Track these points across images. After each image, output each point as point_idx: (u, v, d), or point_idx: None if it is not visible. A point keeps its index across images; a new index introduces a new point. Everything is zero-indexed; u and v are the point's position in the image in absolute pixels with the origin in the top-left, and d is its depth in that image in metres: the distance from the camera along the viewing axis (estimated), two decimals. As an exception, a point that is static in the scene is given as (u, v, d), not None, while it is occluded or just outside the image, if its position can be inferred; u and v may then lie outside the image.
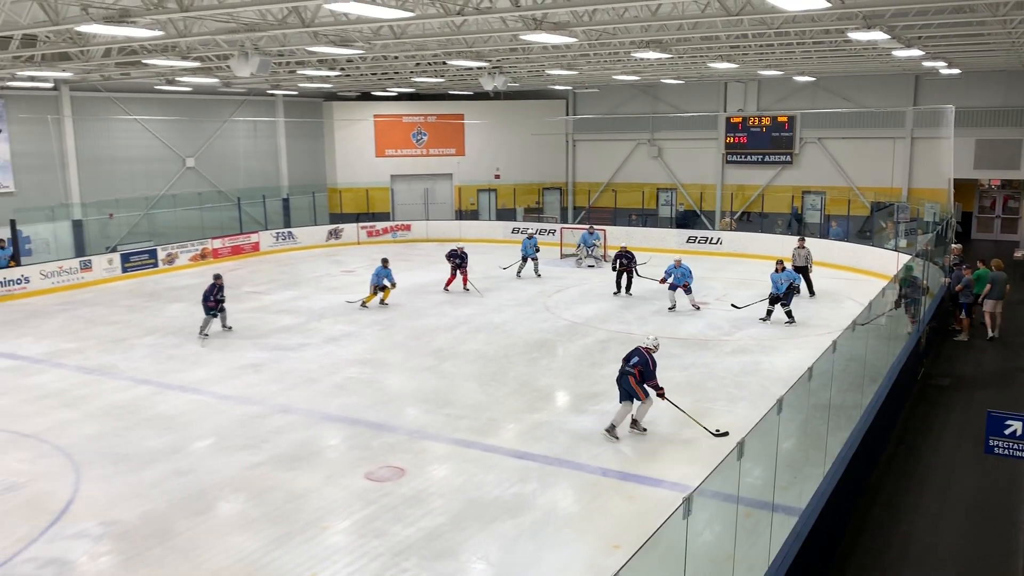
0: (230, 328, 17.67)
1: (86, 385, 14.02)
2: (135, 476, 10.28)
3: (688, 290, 19.03)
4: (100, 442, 11.42)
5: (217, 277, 17.61)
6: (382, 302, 20.00)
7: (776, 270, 17.84)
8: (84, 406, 12.94)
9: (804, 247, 20.79)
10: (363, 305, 19.77)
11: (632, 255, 20.96)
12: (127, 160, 27.77)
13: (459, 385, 13.85)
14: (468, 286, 21.73)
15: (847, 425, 9.60)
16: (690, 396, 12.95)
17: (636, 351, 11.47)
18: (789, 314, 17.78)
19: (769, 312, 17.99)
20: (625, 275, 20.82)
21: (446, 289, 21.74)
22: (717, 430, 11.36)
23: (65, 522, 9.12)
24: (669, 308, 18.95)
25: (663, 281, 19.19)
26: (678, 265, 19.01)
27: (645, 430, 11.49)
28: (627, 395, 11.37)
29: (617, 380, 11.53)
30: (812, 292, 20.46)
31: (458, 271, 21.82)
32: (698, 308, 18.94)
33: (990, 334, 16.56)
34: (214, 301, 17.17)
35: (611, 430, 11.33)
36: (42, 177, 25.28)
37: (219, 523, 9.16)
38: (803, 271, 20.08)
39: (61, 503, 9.57)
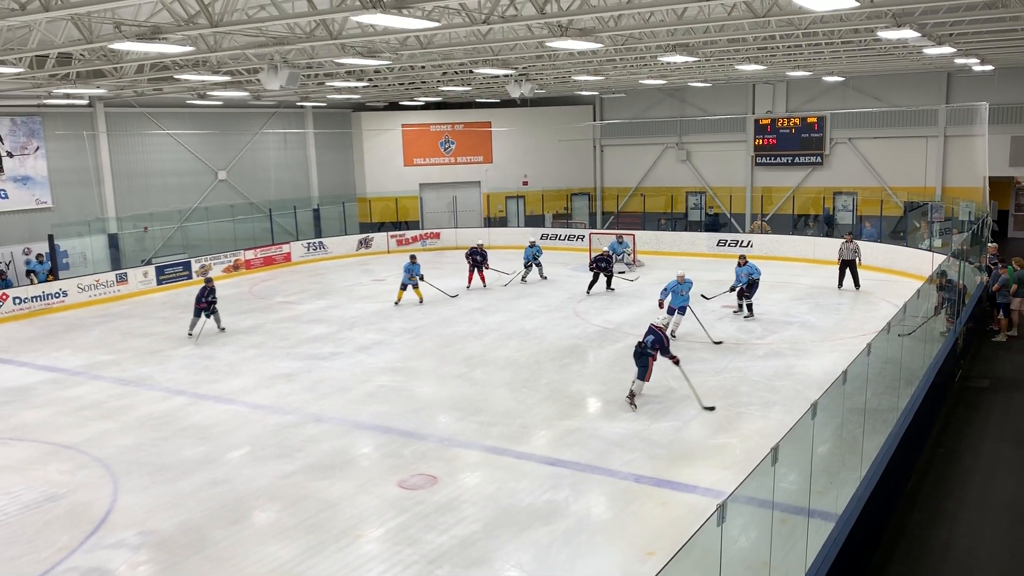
0: (223, 329, 18.65)
1: (123, 396, 14.24)
2: (172, 486, 10.41)
3: (683, 311, 16.60)
4: (137, 453, 11.59)
5: (208, 280, 18.91)
6: (420, 300, 21.11)
7: (739, 264, 18.42)
8: (121, 417, 13.14)
9: (852, 242, 21.54)
10: (397, 303, 21.03)
11: (610, 259, 22.64)
12: (161, 174, 28.23)
13: (490, 392, 13.86)
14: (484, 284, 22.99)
15: (883, 429, 9.46)
16: (724, 400, 12.85)
17: (651, 330, 12.71)
18: (749, 307, 18.36)
19: (740, 306, 18.51)
20: (603, 276, 22.10)
21: (468, 287, 22.61)
22: (709, 406, 12.55)
23: (104, 532, 9.26)
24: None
25: (662, 305, 16.42)
26: (682, 280, 16.50)
27: (635, 407, 12.57)
28: (642, 368, 12.62)
29: (635, 356, 12.70)
30: (857, 285, 21.28)
31: (475, 270, 22.87)
32: (673, 335, 16.00)
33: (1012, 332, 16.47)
34: (205, 303, 18.26)
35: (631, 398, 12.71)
36: (78, 192, 25.78)
37: (254, 532, 9.24)
38: (851, 264, 21.31)
39: (100, 513, 9.72)
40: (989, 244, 19.63)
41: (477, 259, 22.81)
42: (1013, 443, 10.87)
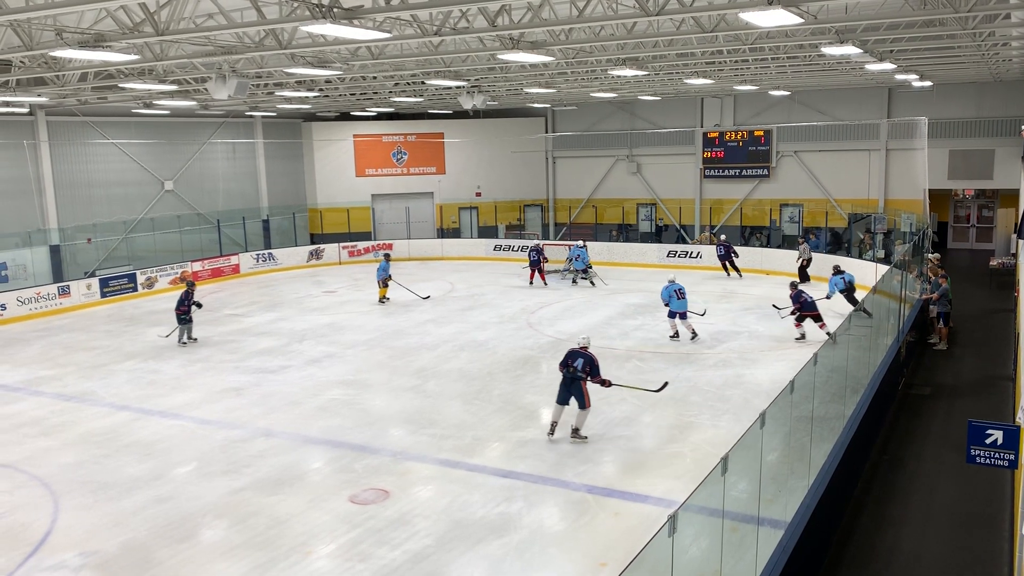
0: (191, 340, 18.41)
1: (64, 413, 13.84)
2: (115, 504, 10.14)
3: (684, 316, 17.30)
4: (79, 471, 11.26)
5: (189, 284, 18.74)
6: (381, 299, 22.14)
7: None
8: (62, 434, 12.76)
9: (805, 244, 24.69)
10: (381, 301, 22.26)
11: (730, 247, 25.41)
12: (105, 184, 27.60)
13: (443, 404, 13.78)
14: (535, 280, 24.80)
15: (830, 437, 9.63)
16: (673, 410, 12.97)
17: (579, 353, 11.72)
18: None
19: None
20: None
21: (531, 284, 24.83)
22: (661, 386, 12.81)
23: (43, 554, 8.96)
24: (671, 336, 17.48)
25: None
26: (675, 292, 17.28)
27: (586, 438, 11.75)
28: (568, 398, 11.65)
29: (566, 384, 11.65)
30: (806, 278, 23.39)
31: (535, 267, 24.56)
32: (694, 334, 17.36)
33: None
34: (185, 307, 18.22)
35: (551, 431, 11.79)
36: (18, 203, 25.07)
37: (201, 550, 9.03)
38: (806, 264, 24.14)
39: (39, 534, 9.41)
40: (931, 255, 20.18)
41: (533, 256, 24.62)
42: (955, 449, 11.15)
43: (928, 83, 25.71)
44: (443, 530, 9.20)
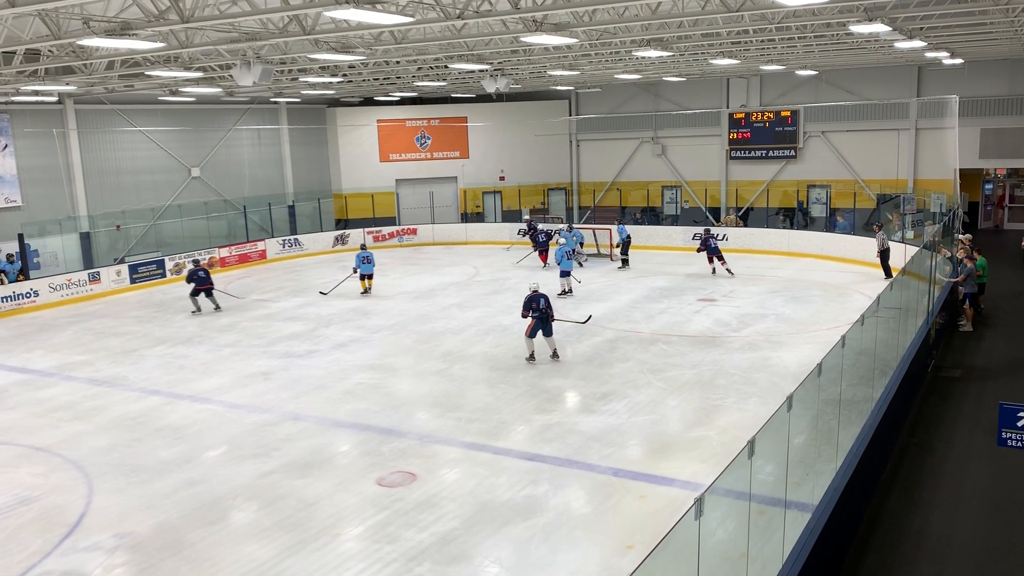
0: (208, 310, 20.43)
1: (97, 397, 14.07)
2: (147, 487, 10.31)
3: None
4: (112, 454, 11.46)
5: (195, 263, 20.55)
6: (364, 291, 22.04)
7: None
8: (95, 418, 12.98)
9: (882, 232, 21.93)
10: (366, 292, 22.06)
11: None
12: (133, 171, 27.89)
13: (469, 388, 13.84)
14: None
15: (858, 419, 9.56)
16: (700, 393, 12.93)
17: (539, 295, 14.93)
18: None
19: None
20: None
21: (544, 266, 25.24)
22: (587, 318, 16.21)
23: (78, 535, 9.15)
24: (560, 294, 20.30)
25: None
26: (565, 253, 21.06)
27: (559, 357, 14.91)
28: (540, 331, 14.77)
29: (541, 321, 14.80)
30: (887, 271, 21.17)
31: (543, 248, 25.25)
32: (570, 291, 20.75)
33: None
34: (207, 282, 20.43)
35: (531, 358, 14.88)
36: (49, 191, 25.41)
37: (232, 532, 9.17)
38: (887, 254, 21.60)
39: (74, 516, 9.60)
40: (963, 236, 19.87)
41: (541, 237, 25.38)
42: (985, 432, 11.02)
43: (959, 60, 25.24)
44: (470, 513, 9.26)
